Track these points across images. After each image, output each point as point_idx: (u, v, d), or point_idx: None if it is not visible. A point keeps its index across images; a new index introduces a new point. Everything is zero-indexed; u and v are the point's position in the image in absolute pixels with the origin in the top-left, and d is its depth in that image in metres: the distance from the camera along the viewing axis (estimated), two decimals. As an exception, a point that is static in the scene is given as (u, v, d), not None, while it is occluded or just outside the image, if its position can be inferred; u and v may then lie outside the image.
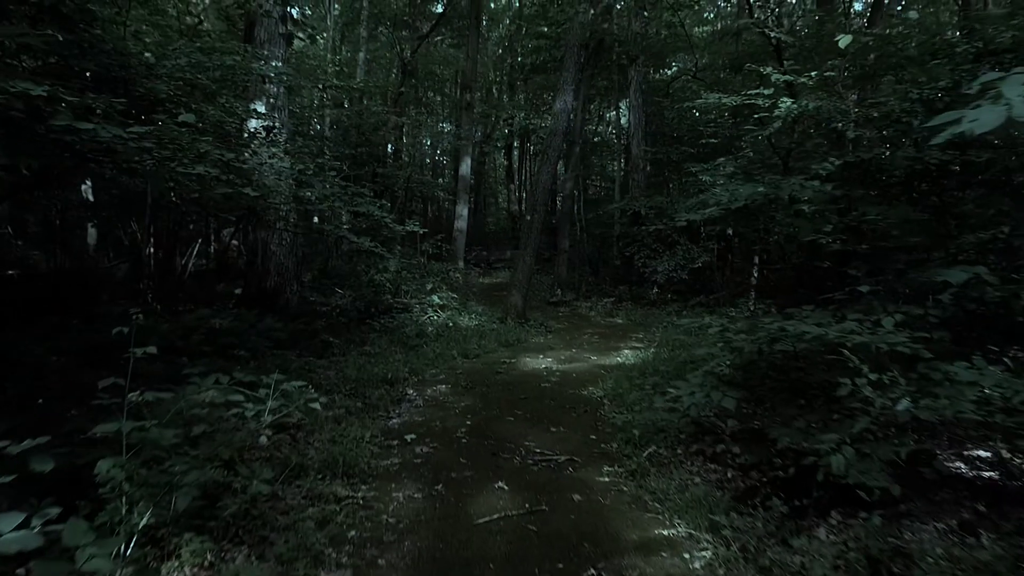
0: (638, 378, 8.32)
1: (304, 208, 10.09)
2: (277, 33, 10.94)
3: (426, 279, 13.74)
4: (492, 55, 34.10)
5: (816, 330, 4.06)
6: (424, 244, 16.70)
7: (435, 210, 37.39)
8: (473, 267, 24.40)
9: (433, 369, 8.95)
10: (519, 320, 12.93)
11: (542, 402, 7.35)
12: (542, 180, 13.16)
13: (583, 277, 20.61)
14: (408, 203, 29.14)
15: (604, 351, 11.04)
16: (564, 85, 13.06)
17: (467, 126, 20.56)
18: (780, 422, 4.79)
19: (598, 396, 7.70)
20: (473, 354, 10.11)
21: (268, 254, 11.15)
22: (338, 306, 11.84)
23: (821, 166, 5.55)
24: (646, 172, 21.21)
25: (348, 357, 8.99)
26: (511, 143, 35.19)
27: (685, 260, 14.79)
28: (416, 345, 10.07)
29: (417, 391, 7.72)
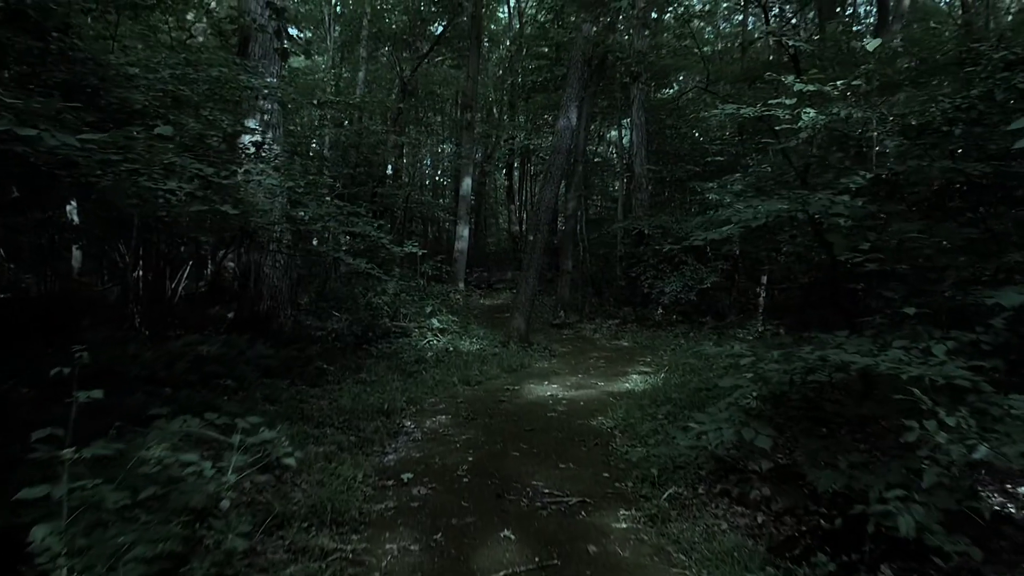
0: (650, 407, 7.85)
1: (300, 229, 9.68)
2: (271, 49, 10.60)
3: (426, 302, 13.28)
4: (493, 75, 33.92)
5: (863, 360, 3.60)
6: (424, 265, 16.24)
7: (435, 231, 37.02)
8: (474, 288, 23.98)
9: (432, 398, 8.47)
10: (522, 344, 12.47)
11: (549, 434, 6.86)
12: (545, 199, 12.75)
13: (586, 298, 20.16)
14: (408, 224, 28.77)
15: (611, 376, 10.56)
16: (567, 102, 12.70)
17: (468, 145, 20.23)
18: (816, 461, 4.32)
19: (608, 427, 7.21)
20: (475, 381, 9.63)
21: (261, 277, 10.72)
22: (334, 330, 11.37)
23: (851, 180, 5.12)
24: (649, 191, 20.83)
25: (343, 385, 8.53)
26: (512, 163, 34.87)
27: (693, 281, 14.34)
28: (415, 372, 9.60)
29: (415, 423, 7.24)
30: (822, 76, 5.64)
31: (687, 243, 6.44)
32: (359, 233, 8.67)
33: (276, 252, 10.51)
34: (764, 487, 4.69)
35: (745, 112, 6.26)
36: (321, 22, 27.53)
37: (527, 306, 12.78)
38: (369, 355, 10.50)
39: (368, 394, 8.03)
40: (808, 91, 5.59)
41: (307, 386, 8.51)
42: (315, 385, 8.60)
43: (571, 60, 13.01)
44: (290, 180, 7.26)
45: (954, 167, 4.77)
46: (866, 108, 5.27)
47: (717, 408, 5.03)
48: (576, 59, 12.72)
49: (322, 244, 9.52)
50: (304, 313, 12.76)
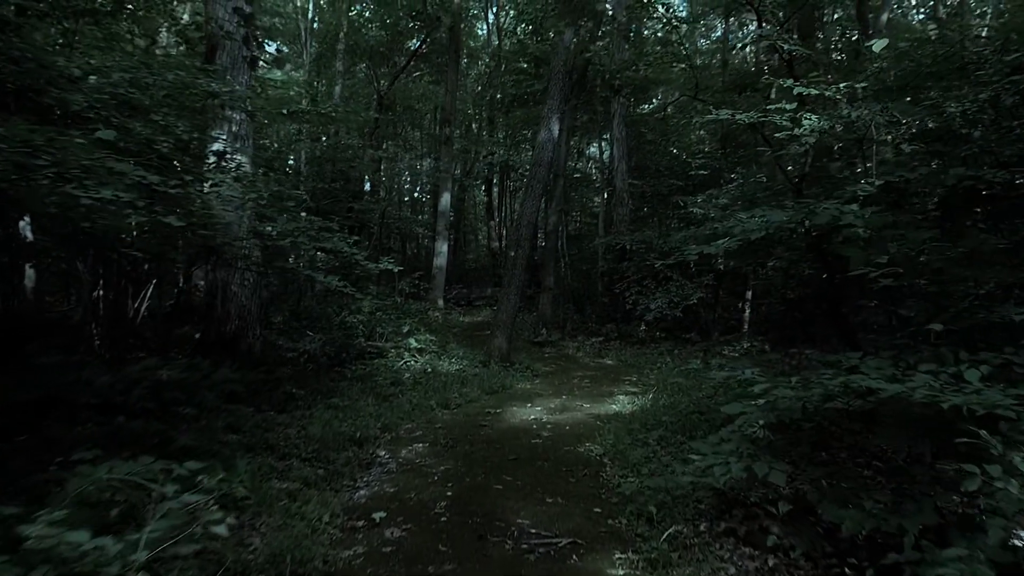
0: (640, 431, 7.41)
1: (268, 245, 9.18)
2: (240, 57, 10.12)
3: (403, 321, 12.79)
4: (472, 91, 33.63)
5: (892, 387, 3.18)
6: (401, 283, 15.77)
7: (414, 247, 36.52)
8: (453, 305, 23.48)
9: (409, 423, 7.95)
10: (503, 363, 11.99)
11: (534, 464, 6.38)
12: (526, 214, 12.34)
13: (568, 315, 19.74)
14: (385, 240, 28.26)
15: (597, 397, 10.11)
16: (548, 114, 12.33)
17: (446, 160, 19.81)
18: (833, 497, 3.89)
19: (597, 454, 6.75)
20: (454, 404, 9.13)
21: (228, 296, 10.18)
22: (306, 351, 10.83)
23: (858, 187, 4.75)
24: (630, 206, 20.53)
25: (313, 411, 8.00)
26: (491, 179, 34.50)
27: (679, 297, 13.97)
28: (391, 395, 9.08)
29: (390, 452, 6.72)
30: (823, 79, 5.27)
31: (681, 257, 6.03)
32: (331, 249, 8.17)
33: (245, 269, 9.98)
34: (775, 525, 4.25)
35: (740, 118, 5.89)
36: (297, 37, 27.14)
37: (508, 324, 12.33)
38: (343, 377, 9.98)
39: (340, 421, 7.50)
40: (809, 94, 5.21)
41: (275, 412, 7.98)
42: (283, 411, 8.07)
43: (552, 71, 12.66)
44: (252, 192, 6.75)
45: (970, 174, 4.40)
46: (877, 110, 4.91)
47: (720, 437, 4.61)
48: (557, 70, 12.37)
49: (297, 261, 8.97)
50: (277, 333, 12.21)
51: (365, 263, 8.77)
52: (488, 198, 35.64)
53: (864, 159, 6.13)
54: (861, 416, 4.39)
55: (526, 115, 27.50)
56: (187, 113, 7.18)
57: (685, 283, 14.04)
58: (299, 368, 10.29)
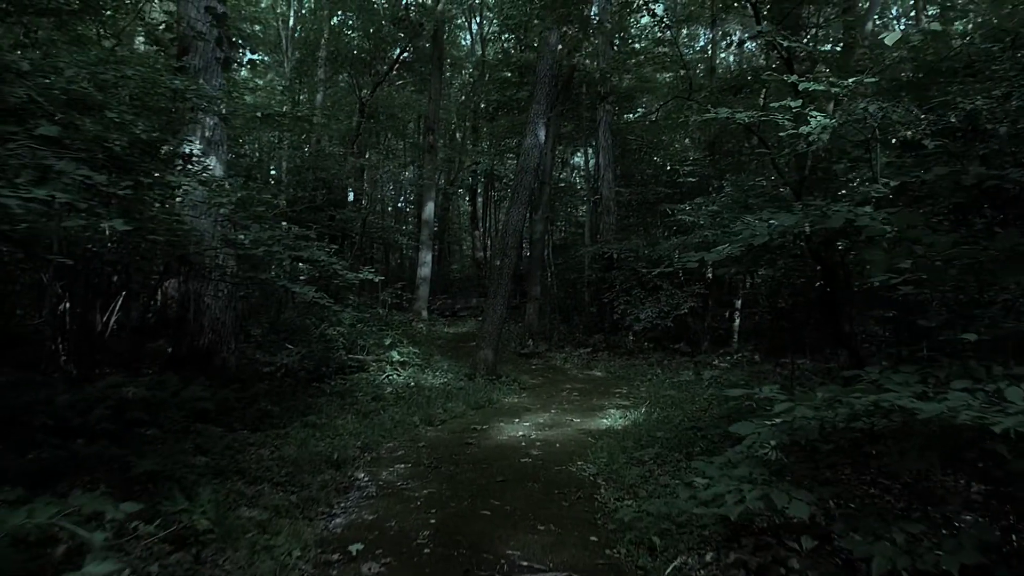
0: (634, 448, 7.03)
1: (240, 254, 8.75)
2: (213, 58, 9.71)
3: (385, 333, 12.36)
4: (455, 100, 33.36)
5: (932, 407, 2.82)
6: (383, 293, 15.34)
7: (397, 258, 36.11)
8: (438, 316, 23.05)
9: (390, 442, 7.52)
10: (490, 377, 11.58)
11: (524, 485, 5.97)
12: (512, 222, 11.97)
13: (555, 326, 19.38)
14: (368, 249, 27.79)
15: (587, 412, 9.74)
16: (534, 118, 12.00)
17: (430, 169, 19.43)
18: (856, 527, 3.52)
19: (590, 474, 6.36)
20: (438, 420, 8.72)
21: (201, 308, 9.72)
22: (283, 366, 10.37)
23: (872, 189, 4.42)
24: (617, 215, 20.25)
25: (289, 429, 7.55)
26: (475, 188, 34.20)
27: (669, 306, 13.64)
28: (371, 411, 8.64)
29: (370, 474, 6.29)
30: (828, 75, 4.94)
31: (679, 265, 5.66)
32: (308, 259, 7.76)
33: (219, 280, 9.53)
34: (790, 556, 3.88)
35: (740, 117, 5.55)
36: (278, 45, 26.72)
37: (495, 336, 11.94)
38: (322, 393, 9.53)
39: (317, 440, 7.07)
40: (816, 91, 4.88)
41: (248, 431, 7.52)
42: (258, 429, 7.61)
43: (538, 74, 12.33)
44: (220, 196, 6.33)
45: (993, 173, 4.07)
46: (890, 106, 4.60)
47: (727, 459, 4.24)
48: (543, 73, 12.05)
49: (276, 271, 8.53)
50: (255, 346, 11.75)
51: (344, 273, 8.36)
52: (472, 208, 35.34)
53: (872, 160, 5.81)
54: (878, 436, 4.04)
55: (511, 123, 27.23)
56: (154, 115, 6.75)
57: (675, 292, 13.71)
58: (276, 383, 9.85)
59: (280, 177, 21.20)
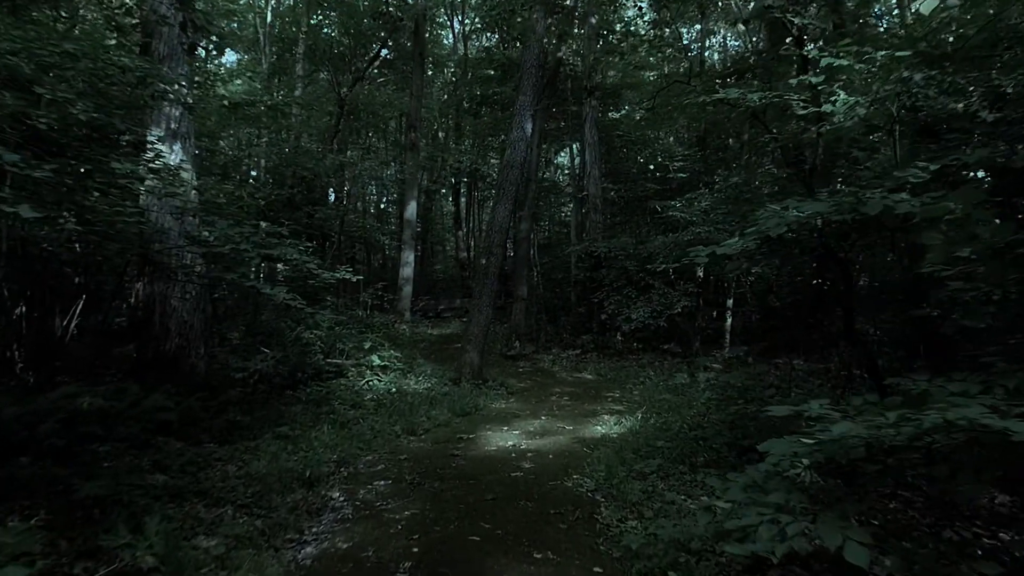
0: (634, 460, 6.51)
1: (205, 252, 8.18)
2: (178, 44, 9.10)
3: (365, 335, 11.77)
4: (438, 99, 32.77)
5: (1022, 428, 2.31)
6: (363, 294, 14.75)
7: (379, 258, 35.46)
8: (421, 318, 22.46)
9: (369, 455, 6.94)
10: (475, 381, 11.03)
11: (516, 504, 5.42)
12: (498, 219, 11.42)
13: (541, 326, 18.85)
14: (350, 250, 27.14)
15: (580, 418, 9.22)
16: (521, 110, 11.46)
17: (412, 166, 18.84)
18: (908, 562, 3.01)
19: (588, 490, 5.83)
20: (422, 429, 8.15)
21: (168, 310, 9.09)
22: (257, 371, 9.75)
23: (909, 173, 3.92)
24: (604, 213, 19.78)
25: (260, 442, 6.96)
26: (459, 188, 33.64)
27: (662, 306, 13.14)
28: (350, 421, 8.05)
29: (346, 493, 5.71)
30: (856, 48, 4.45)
31: (686, 260, 5.14)
32: (279, 257, 7.18)
33: (186, 281, 8.93)
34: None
35: (752, 98, 5.05)
36: (256, 43, 26.01)
37: (480, 338, 11.38)
38: (297, 400, 8.92)
39: (289, 454, 6.48)
40: (839, 66, 4.38)
41: (215, 444, 6.94)
42: (225, 442, 7.02)
43: (524, 64, 11.79)
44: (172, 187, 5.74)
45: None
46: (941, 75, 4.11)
47: (751, 479, 3.72)
48: (530, 63, 11.51)
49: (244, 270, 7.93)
50: (229, 351, 11.10)
51: (319, 272, 7.79)
52: (456, 208, 34.76)
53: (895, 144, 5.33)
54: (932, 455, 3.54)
55: (494, 120, 26.69)
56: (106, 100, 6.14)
57: (668, 291, 13.21)
58: (249, 391, 9.24)
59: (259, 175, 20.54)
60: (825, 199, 3.95)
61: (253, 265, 7.33)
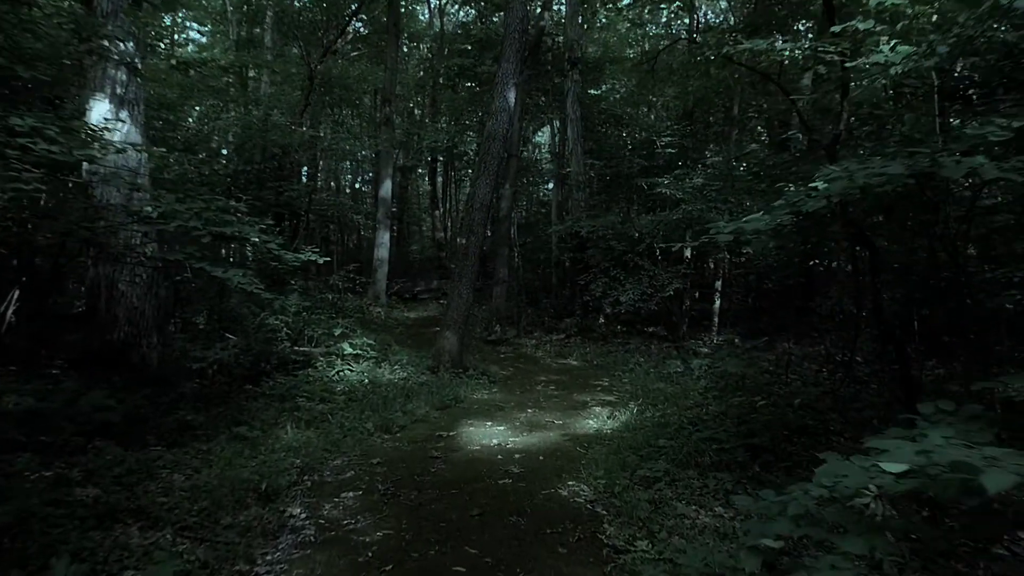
0: (636, 463, 5.81)
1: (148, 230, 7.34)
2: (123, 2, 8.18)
3: (336, 321, 10.95)
4: (413, 76, 31.69)
5: None
6: (334, 276, 13.91)
7: (354, 239, 34.49)
8: (397, 300, 21.63)
9: (338, 458, 6.16)
10: (455, 369, 10.27)
11: (506, 521, 4.69)
12: (479, 195, 10.62)
13: (522, 309, 18.12)
14: (322, 229, 26.16)
15: (569, 411, 8.53)
16: (503, 79, 10.62)
17: (386, 139, 17.94)
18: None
19: (587, 500, 5.12)
20: (397, 426, 7.38)
21: (115, 296, 8.22)
22: (217, 361, 8.92)
23: (984, 131, 3.23)
24: (588, 191, 19.03)
25: (215, 444, 6.17)
26: (435, 167, 32.67)
27: (653, 288, 12.44)
28: (317, 418, 7.26)
29: (308, 508, 4.93)
30: None
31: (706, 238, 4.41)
32: (232, 236, 6.34)
33: (135, 264, 8.06)
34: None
35: (783, 48, 4.32)
36: (223, 15, 24.81)
37: (460, 322, 10.61)
38: (260, 394, 8.11)
39: (246, 459, 5.70)
40: (894, 4, 3.65)
41: (163, 447, 6.13)
42: (175, 444, 6.22)
43: (507, 28, 10.94)
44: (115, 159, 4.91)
45: None
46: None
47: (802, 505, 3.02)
48: (513, 27, 10.66)
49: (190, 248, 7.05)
50: (188, 339, 10.22)
51: (282, 253, 6.97)
52: (432, 187, 33.85)
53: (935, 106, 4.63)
54: None
55: (471, 96, 25.74)
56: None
57: (658, 273, 12.52)
58: (207, 384, 8.43)
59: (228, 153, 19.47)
60: (892, 159, 3.22)
61: (205, 244, 6.44)
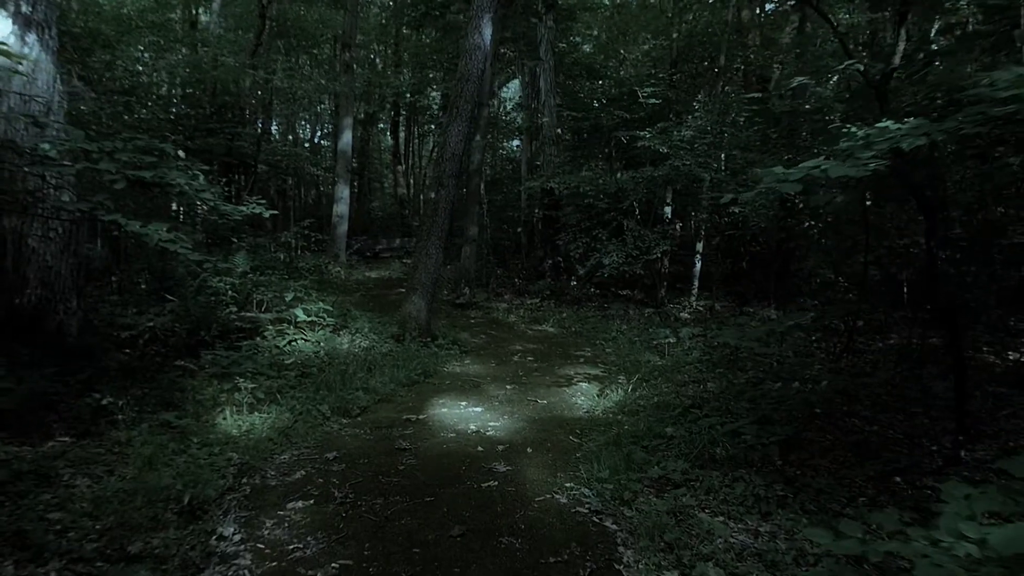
0: (643, 458, 4.90)
1: (46, 173, 6.15)
2: None
3: (289, 283, 9.81)
4: (375, 23, 29.97)
5: None
6: (288, 233, 12.70)
7: (313, 195, 32.98)
8: (358, 259, 20.41)
9: (286, 452, 5.11)
10: (423, 338, 9.23)
11: (496, 543, 3.72)
12: (450, 143, 9.46)
13: (491, 271, 17.10)
14: (280, 183, 24.67)
15: (553, 387, 7.59)
16: (479, 11, 9.41)
17: (347, 85, 16.57)
18: None
19: (593, 510, 4.17)
20: (357, 408, 6.34)
21: (24, 253, 6.97)
22: (149, 329, 7.76)
23: None
24: (562, 145, 17.93)
25: (136, 433, 5.07)
26: (397, 121, 31.17)
27: (638, 250, 11.48)
28: (262, 400, 6.16)
29: (244, 528, 3.89)
30: None
31: (763, 187, 3.44)
32: (152, 182, 5.16)
33: (49, 217, 6.82)
34: None
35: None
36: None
37: (429, 286, 9.54)
38: (200, 368, 6.97)
39: (169, 457, 4.63)
40: None
41: (72, 438, 5.04)
42: (87, 435, 5.12)
43: (482, -46, 9.70)
44: None
45: None
46: None
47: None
48: (489, -48, 9.44)
49: (101, 194, 5.85)
50: (120, 304, 8.99)
51: (218, 203, 5.83)
52: (395, 142, 32.37)
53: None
54: None
55: (437, 44, 24.21)
56: None
57: (646, 234, 11.56)
58: (136, 356, 7.28)
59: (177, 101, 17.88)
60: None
61: (118, 190, 5.23)
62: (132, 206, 8.76)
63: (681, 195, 14.04)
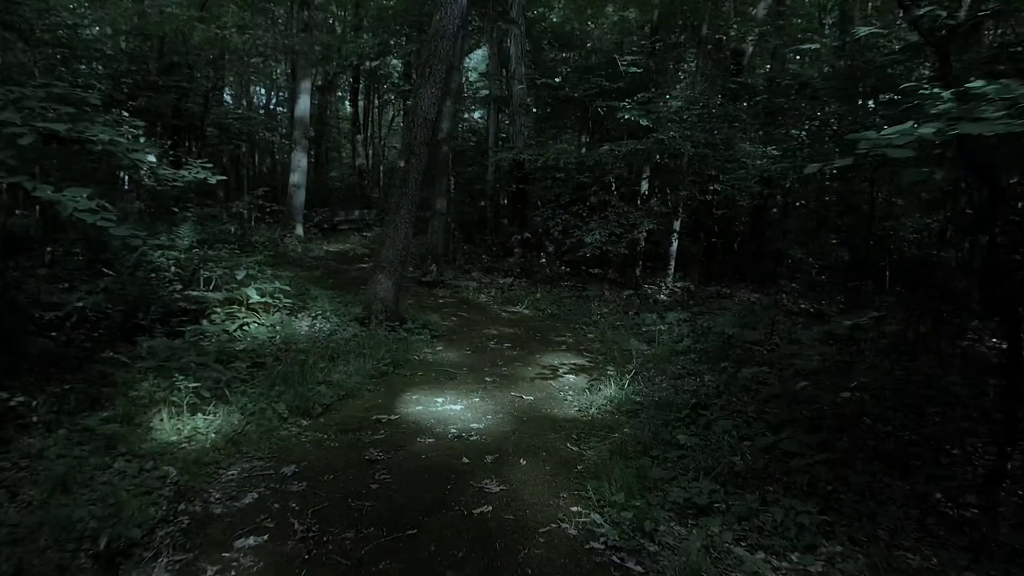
0: (660, 475, 4.20)
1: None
2: None
3: (240, 259, 8.86)
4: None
5: None
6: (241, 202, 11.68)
7: (269, 163, 31.55)
8: (315, 232, 19.32)
9: (235, 467, 4.26)
10: (390, 322, 8.40)
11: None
12: (422, 107, 8.57)
13: (458, 247, 16.26)
14: (230, 148, 23.28)
15: (538, 380, 6.86)
16: (455, -39, 8.51)
17: (305, 43, 15.44)
18: None
19: (611, 546, 3.44)
20: (319, 405, 5.50)
21: (-76, 222, 6.00)
22: (78, 310, 6.77)
23: None
24: (533, 115, 17.08)
25: (50, 442, 4.18)
26: (356, 89, 29.80)
27: (622, 228, 10.75)
28: (206, 400, 5.25)
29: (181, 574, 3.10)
30: None
31: (850, 159, 2.72)
32: (68, 137, 4.23)
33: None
34: None
35: None
36: None
37: (397, 264, 8.68)
38: (137, 357, 6.01)
39: (87, 474, 3.77)
40: None
41: (-29, 448, 4.14)
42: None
43: None
44: None
45: None
46: None
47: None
48: None
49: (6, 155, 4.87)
50: (48, 281, 7.94)
51: (154, 165, 4.92)
52: (354, 110, 30.94)
53: None
54: None
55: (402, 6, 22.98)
56: None
57: (630, 211, 10.83)
58: (62, 343, 6.32)
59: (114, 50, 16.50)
60: None
61: (24, 145, 4.27)
62: (55, 166, 7.70)
63: (660, 171, 13.35)
